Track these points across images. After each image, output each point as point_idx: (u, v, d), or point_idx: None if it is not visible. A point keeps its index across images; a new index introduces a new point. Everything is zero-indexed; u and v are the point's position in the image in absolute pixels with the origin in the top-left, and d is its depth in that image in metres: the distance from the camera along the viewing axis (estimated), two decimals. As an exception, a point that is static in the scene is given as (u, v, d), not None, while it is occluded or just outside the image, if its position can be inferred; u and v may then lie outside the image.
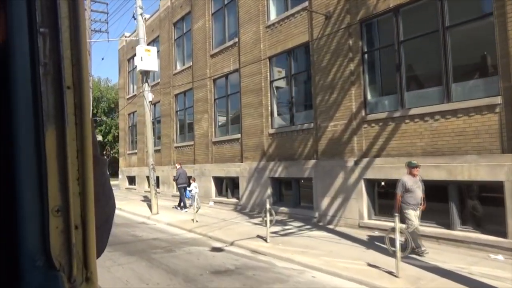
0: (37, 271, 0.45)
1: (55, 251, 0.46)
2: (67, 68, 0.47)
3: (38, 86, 0.45)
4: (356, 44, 9.84)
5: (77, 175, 0.48)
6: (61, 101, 0.46)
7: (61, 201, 0.47)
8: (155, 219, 12.74)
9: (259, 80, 13.08)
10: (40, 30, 0.45)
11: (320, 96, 10.72)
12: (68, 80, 0.47)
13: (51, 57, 0.46)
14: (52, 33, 0.46)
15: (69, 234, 0.47)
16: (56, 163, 0.46)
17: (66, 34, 0.47)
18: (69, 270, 0.47)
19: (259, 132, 13.01)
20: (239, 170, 13.91)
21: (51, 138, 0.46)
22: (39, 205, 0.45)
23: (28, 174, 0.45)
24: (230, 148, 14.61)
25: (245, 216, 12.38)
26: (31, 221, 0.45)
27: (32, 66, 0.45)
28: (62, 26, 0.46)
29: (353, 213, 9.68)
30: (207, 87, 16.11)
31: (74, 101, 0.47)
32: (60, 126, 0.46)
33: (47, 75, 0.46)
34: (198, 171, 16.46)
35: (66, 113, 0.47)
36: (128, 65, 25.43)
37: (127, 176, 24.66)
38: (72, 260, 0.47)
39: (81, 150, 0.48)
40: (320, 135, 10.71)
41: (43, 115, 0.45)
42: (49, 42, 0.46)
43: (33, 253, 0.45)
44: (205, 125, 16.15)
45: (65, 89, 0.47)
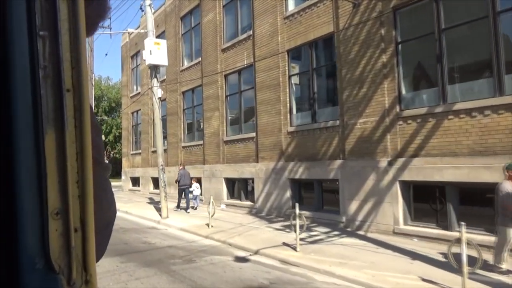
0: (36, 273, 0.45)
1: (54, 254, 0.46)
2: (67, 70, 0.47)
3: (37, 89, 0.45)
4: (389, 34, 9.03)
5: (77, 178, 0.48)
6: (61, 104, 0.47)
7: (60, 204, 0.46)
8: (166, 224, 11.90)
9: (276, 75, 12.25)
10: (39, 33, 0.45)
11: (348, 90, 9.90)
12: (67, 83, 0.47)
13: (50, 60, 0.46)
14: (52, 36, 0.46)
15: (69, 237, 0.47)
16: (55, 166, 0.46)
17: (65, 37, 0.47)
18: (68, 273, 0.47)
19: (276, 130, 12.18)
20: (254, 171, 13.08)
21: (50, 140, 0.46)
22: (39, 208, 0.45)
23: (28, 177, 0.45)
24: (244, 147, 13.78)
25: (263, 220, 11.54)
26: (30, 224, 0.45)
27: (32, 69, 0.45)
28: (61, 29, 0.46)
29: (386, 218, 8.86)
30: (218, 84, 15.27)
31: (73, 104, 0.47)
32: (59, 129, 0.46)
33: (46, 78, 0.46)
34: (208, 172, 15.62)
35: (66, 115, 0.47)
36: (132, 62, 24.57)
37: (130, 177, 23.79)
38: (72, 263, 0.47)
39: (80, 153, 0.48)
40: (347, 133, 9.88)
41: (42, 118, 0.45)
42: (49, 45, 0.46)
43: (32, 256, 0.45)
44: (215, 124, 15.31)
45: (65, 92, 0.47)
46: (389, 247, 7.87)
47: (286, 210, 11.68)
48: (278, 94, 12.14)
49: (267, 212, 12.40)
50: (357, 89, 9.66)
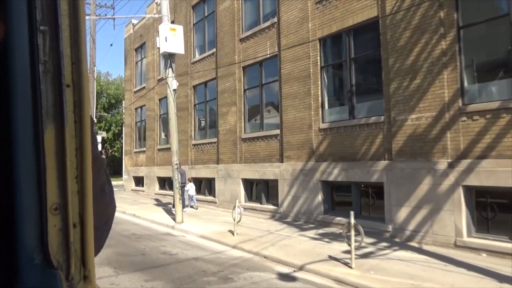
0: (34, 269, 0.45)
1: (53, 249, 0.46)
2: (67, 66, 0.47)
3: (37, 84, 0.45)
4: (449, 17, 7.86)
5: (76, 173, 0.48)
6: (60, 99, 0.46)
7: (59, 199, 0.46)
8: (182, 230, 10.65)
9: (306, 66, 11.05)
10: (40, 28, 0.45)
11: (396, 82, 8.72)
12: (67, 78, 0.47)
13: (50, 55, 0.46)
14: (52, 31, 0.46)
15: (67, 233, 0.47)
16: (54, 161, 0.46)
17: (66, 32, 0.47)
18: (67, 268, 0.47)
19: (306, 127, 10.98)
20: (278, 172, 11.87)
21: (50, 136, 0.46)
22: (37, 203, 0.45)
23: (27, 172, 0.44)
24: (266, 146, 12.56)
25: (291, 227, 10.33)
26: (29, 219, 0.45)
27: (32, 64, 0.45)
28: (62, 24, 0.46)
29: (446, 229, 7.69)
30: (235, 76, 14.03)
31: (73, 99, 0.47)
32: (59, 124, 0.46)
33: (46, 73, 0.46)
34: (223, 172, 14.38)
35: (65, 111, 0.47)
36: (136, 55, 23.25)
37: (133, 177, 22.47)
38: (70, 259, 0.47)
39: (80, 148, 0.48)
40: (395, 131, 8.70)
41: (42, 113, 0.45)
42: (49, 40, 0.46)
43: (31, 251, 0.45)
44: (232, 120, 14.07)
45: (65, 87, 0.47)
46: (458, 263, 6.68)
47: (317, 216, 10.48)
48: (308, 87, 10.94)
49: (294, 218, 11.19)
50: (408, 81, 8.48)
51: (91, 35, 21.39)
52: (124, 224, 11.88)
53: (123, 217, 13.48)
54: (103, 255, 7.74)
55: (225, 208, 14.04)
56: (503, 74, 7.32)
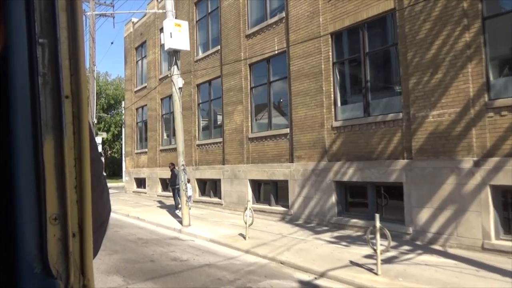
0: (34, 278, 0.45)
1: (52, 259, 0.46)
2: (66, 78, 0.47)
3: (36, 96, 0.45)
4: (473, 8, 7.46)
5: (75, 183, 0.48)
6: (60, 110, 0.47)
7: (58, 209, 0.46)
8: (190, 233, 10.21)
9: (317, 62, 10.63)
10: (39, 41, 0.46)
11: (416, 77, 8.31)
12: (66, 90, 0.47)
13: (49, 68, 0.46)
14: (51, 44, 0.46)
15: (67, 242, 0.47)
16: (54, 172, 0.46)
17: (64, 45, 0.47)
18: (66, 278, 0.47)
19: (317, 126, 10.56)
20: (288, 172, 11.44)
21: (49, 147, 0.46)
22: (37, 213, 0.45)
23: (26, 183, 0.45)
24: (275, 145, 12.13)
25: (304, 229, 9.90)
26: (28, 229, 0.45)
27: (31, 76, 0.45)
28: (60, 36, 0.47)
29: (472, 231, 7.28)
30: (241, 74, 13.60)
31: (72, 110, 0.48)
32: (58, 136, 0.47)
33: (45, 85, 0.46)
34: (229, 173, 13.94)
35: (64, 122, 0.47)
36: (136, 54, 22.80)
37: (135, 178, 22.00)
38: (70, 268, 0.47)
39: (78, 159, 0.48)
40: (415, 128, 8.29)
41: (41, 124, 0.46)
42: (48, 53, 0.46)
43: (31, 261, 0.45)
44: (238, 119, 13.64)
45: (63, 99, 0.47)
46: (491, 268, 6.27)
47: (330, 218, 10.07)
48: (320, 84, 10.52)
49: (306, 220, 10.77)
50: (428, 75, 8.07)
51: (91, 34, 20.93)
52: (128, 228, 11.43)
53: (127, 220, 13.03)
54: (110, 262, 7.30)
55: (231, 210, 13.61)
56: (533, 67, 6.92)
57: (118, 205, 16.61)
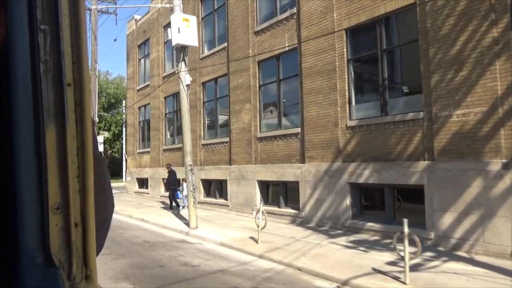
0: (36, 268, 0.44)
1: (54, 249, 0.45)
2: (68, 65, 0.46)
3: (38, 84, 0.45)
4: (501, 2, 7.07)
5: (77, 173, 0.47)
6: (62, 98, 0.46)
7: (61, 199, 0.46)
8: (198, 236, 9.80)
9: (331, 59, 10.23)
10: (40, 27, 0.45)
11: (438, 75, 7.92)
12: (68, 78, 0.47)
13: (51, 55, 0.46)
14: (53, 31, 0.46)
15: (69, 232, 0.46)
16: (56, 161, 0.46)
17: (66, 31, 0.46)
18: (68, 268, 0.46)
19: (331, 125, 10.16)
20: (299, 173, 11.04)
21: (51, 135, 0.45)
22: (39, 203, 0.45)
23: (28, 172, 0.44)
24: (285, 145, 11.73)
25: (318, 233, 9.50)
26: (31, 219, 0.44)
27: (33, 64, 0.45)
28: (62, 23, 0.46)
29: (500, 237, 6.89)
30: (249, 72, 13.20)
31: (74, 98, 0.47)
32: (60, 124, 0.46)
33: (47, 72, 0.45)
34: (236, 174, 13.53)
35: (67, 110, 0.46)
36: (139, 52, 22.38)
37: (137, 178, 21.57)
38: (72, 258, 0.47)
39: (81, 148, 0.47)
40: (437, 128, 7.90)
41: (43, 112, 0.45)
42: (50, 40, 0.45)
43: (33, 251, 0.44)
44: (246, 118, 13.24)
45: (66, 87, 0.46)
46: (525, 277, 5.88)
47: (344, 221, 9.67)
48: (334, 82, 10.12)
49: (318, 223, 10.37)
50: (452, 73, 7.68)
51: (93, 31, 20.52)
52: (133, 230, 11.02)
53: (130, 222, 12.61)
54: (117, 268, 6.89)
55: (238, 212, 13.21)
56: None
57: (121, 206, 16.19)
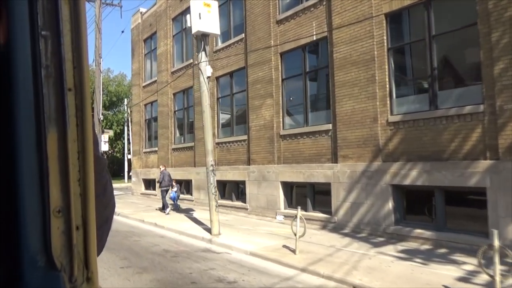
0: (38, 271, 0.45)
1: (56, 252, 0.46)
2: (68, 70, 0.47)
3: (39, 89, 0.45)
4: None
5: (78, 176, 0.48)
6: (63, 103, 0.47)
7: (62, 202, 0.47)
8: (223, 244, 8.81)
9: (368, 48, 9.26)
10: (41, 33, 0.46)
11: (503, 62, 6.96)
12: (69, 82, 0.47)
13: (52, 60, 0.46)
14: (54, 36, 0.46)
15: (70, 235, 0.47)
16: (57, 165, 0.46)
17: (67, 37, 0.47)
18: (70, 271, 0.47)
19: (369, 121, 9.19)
20: (330, 174, 10.06)
21: (52, 140, 0.46)
22: (41, 206, 0.45)
23: (30, 176, 0.45)
24: (313, 143, 10.75)
25: (358, 240, 8.52)
26: (32, 222, 0.45)
27: (34, 69, 0.45)
28: (63, 29, 0.47)
29: None
30: (271, 64, 12.21)
31: (75, 103, 0.48)
32: (61, 128, 0.47)
33: (49, 77, 0.46)
34: (256, 174, 12.54)
35: (68, 115, 0.47)
36: (145, 46, 21.35)
37: (143, 179, 20.54)
38: (73, 261, 0.47)
39: (82, 152, 0.48)
40: (503, 123, 6.94)
41: (44, 117, 0.46)
42: (51, 45, 0.46)
43: (34, 253, 0.45)
44: (267, 114, 12.25)
45: (67, 91, 0.47)
46: None
47: (386, 227, 8.70)
48: (372, 73, 9.15)
49: (354, 228, 9.39)
50: (522, 59, 6.72)
51: (97, 24, 19.44)
52: (148, 237, 10.01)
53: (143, 227, 11.60)
54: (143, 285, 5.88)
55: (259, 216, 12.22)
56: None
57: (129, 209, 15.17)
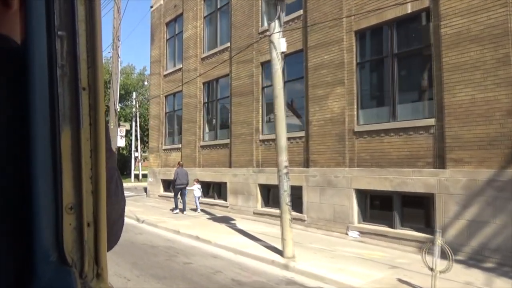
0: (49, 266, 0.46)
1: (67, 247, 0.47)
2: (83, 70, 0.48)
3: (55, 87, 0.46)
4: None
5: (91, 174, 0.49)
6: (77, 102, 0.48)
7: (74, 199, 0.47)
8: (307, 273, 6.56)
9: (498, 20, 7.07)
10: (58, 33, 0.46)
11: None
12: (83, 82, 0.48)
13: (67, 59, 0.47)
14: (70, 36, 0.47)
15: (82, 231, 0.48)
16: (70, 162, 0.47)
17: (82, 37, 0.48)
18: (80, 266, 0.48)
19: (499, 115, 7.00)
20: (434, 182, 7.84)
21: (66, 138, 0.47)
22: (54, 203, 0.46)
23: (44, 172, 0.46)
24: (404, 142, 8.54)
25: (489, 273, 6.29)
26: (45, 218, 0.46)
27: (50, 68, 0.46)
28: (79, 29, 0.48)
29: None
30: (342, 44, 9.99)
31: (89, 102, 0.49)
32: (75, 127, 0.47)
33: (64, 76, 0.47)
34: (318, 179, 10.30)
35: (81, 114, 0.48)
36: (167, 31, 19.08)
37: (162, 180, 18.22)
38: (84, 257, 0.48)
39: (94, 150, 0.49)
40: None
41: (59, 115, 0.46)
42: (66, 45, 0.47)
43: (47, 249, 0.46)
44: (336, 106, 10.02)
45: (81, 91, 0.48)
46: None
47: (529, 257, 6.47)
48: (506, 52, 6.95)
49: (473, 255, 7.17)
50: None
51: (116, 3, 17.18)
52: (198, 256, 7.74)
53: (183, 241, 9.32)
54: None
55: (322, 230, 9.98)
56: None
57: (152, 215, 12.90)
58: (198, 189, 13.77)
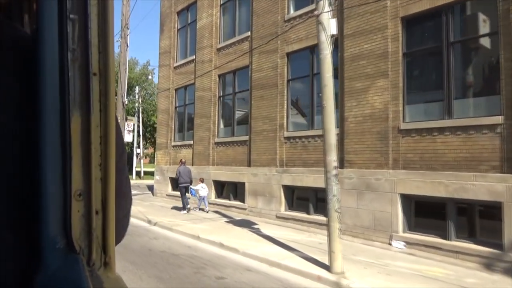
0: (57, 253, 0.45)
1: (75, 235, 0.46)
2: (94, 55, 0.47)
3: (66, 72, 0.45)
4: None
5: (100, 161, 0.48)
6: (87, 87, 0.47)
7: (83, 186, 0.47)
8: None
9: None
10: (70, 16, 0.46)
11: None
12: (94, 67, 0.47)
13: (79, 44, 0.46)
14: (81, 20, 0.46)
15: (90, 219, 0.47)
16: (79, 149, 0.46)
17: (94, 21, 0.47)
18: (88, 254, 0.47)
19: None
20: (502, 190, 6.83)
21: (76, 124, 0.46)
22: (62, 189, 0.45)
23: (53, 158, 0.45)
24: (461, 143, 7.52)
25: None
26: (53, 204, 0.45)
27: (61, 51, 0.45)
28: (91, 13, 0.47)
29: None
30: (385, 33, 8.95)
31: (99, 88, 0.47)
32: (85, 113, 0.47)
33: (75, 61, 0.46)
34: (354, 182, 9.27)
35: (92, 99, 0.47)
36: (178, 20, 17.99)
37: (170, 178, 17.12)
38: (92, 244, 0.47)
39: (104, 137, 0.48)
40: None
41: (69, 100, 0.46)
42: (78, 29, 0.46)
43: (54, 236, 0.45)
44: (378, 101, 8.99)
45: (91, 76, 0.47)
46: None
47: None
48: None
49: (553, 275, 6.14)
50: None
51: (125, -13, 16.09)
52: (228, 269, 6.68)
53: (205, 248, 8.26)
54: None
55: (359, 239, 8.95)
56: None
57: (164, 216, 11.85)
58: (203, 188, 13.08)
